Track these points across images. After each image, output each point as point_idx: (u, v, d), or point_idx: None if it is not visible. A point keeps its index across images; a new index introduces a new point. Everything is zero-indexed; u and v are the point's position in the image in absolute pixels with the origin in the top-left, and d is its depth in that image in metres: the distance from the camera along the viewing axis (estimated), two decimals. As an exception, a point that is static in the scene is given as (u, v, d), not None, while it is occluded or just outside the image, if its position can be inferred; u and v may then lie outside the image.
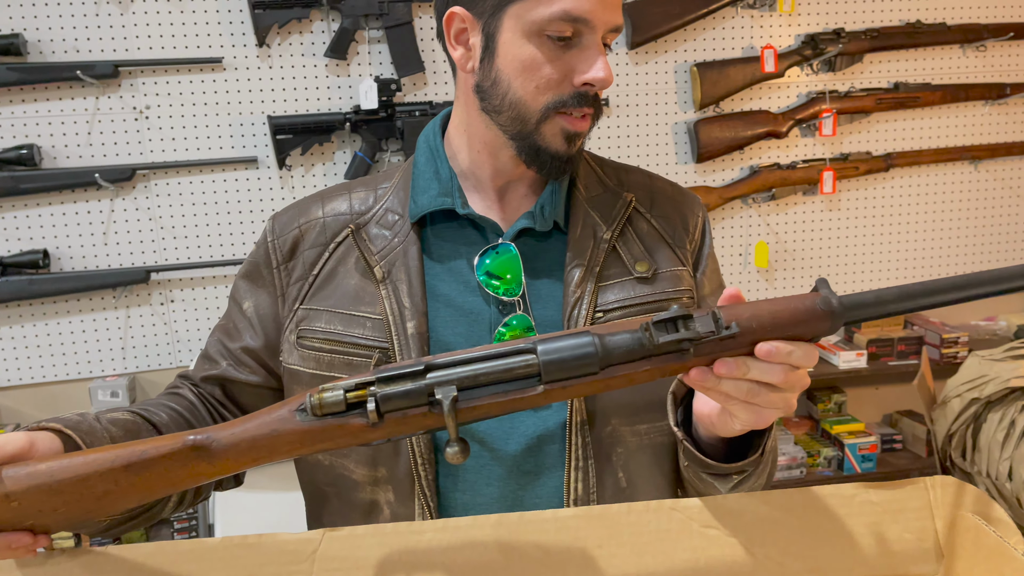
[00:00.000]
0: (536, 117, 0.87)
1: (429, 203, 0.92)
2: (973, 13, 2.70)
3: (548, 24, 0.84)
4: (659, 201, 0.99)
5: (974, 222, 2.84)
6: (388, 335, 0.89)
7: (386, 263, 0.92)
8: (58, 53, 2.22)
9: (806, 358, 0.72)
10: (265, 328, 0.96)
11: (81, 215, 2.29)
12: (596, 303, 0.91)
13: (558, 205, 0.93)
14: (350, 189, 0.99)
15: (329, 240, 0.95)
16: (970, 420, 1.56)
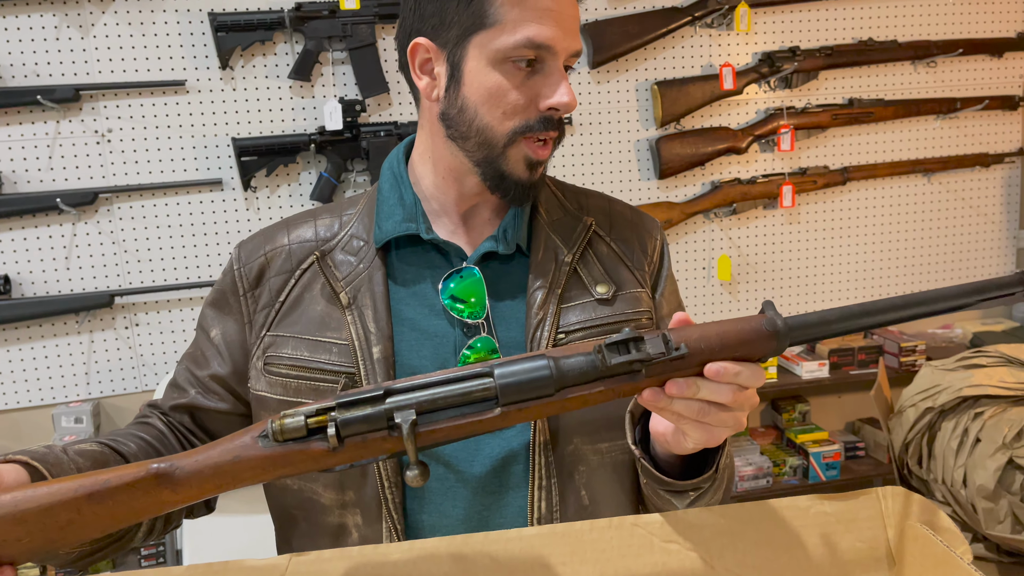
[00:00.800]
0: (503, 142, 0.89)
1: (393, 229, 0.94)
2: (923, 31, 2.79)
3: (512, 51, 0.86)
4: (618, 224, 1.02)
5: (929, 232, 2.92)
6: (354, 360, 0.90)
7: (351, 288, 0.93)
8: (18, 78, 2.20)
9: (753, 378, 0.75)
10: (233, 355, 0.97)
11: (43, 240, 2.27)
12: (558, 324, 0.93)
13: (520, 229, 0.95)
14: (315, 216, 1.00)
15: (295, 267, 0.96)
16: (925, 429, 1.60)
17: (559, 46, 0.87)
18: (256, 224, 2.39)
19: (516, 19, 0.86)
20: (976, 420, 1.50)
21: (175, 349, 2.39)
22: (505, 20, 0.86)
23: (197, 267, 2.37)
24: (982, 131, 2.89)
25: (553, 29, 0.86)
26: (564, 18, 0.87)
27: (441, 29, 0.89)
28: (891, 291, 2.92)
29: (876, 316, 0.76)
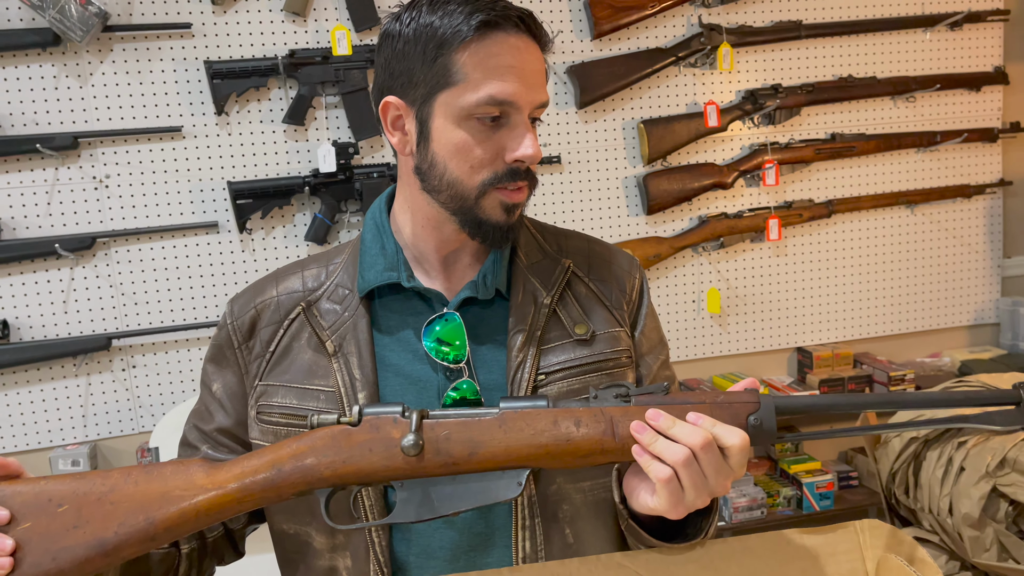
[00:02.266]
0: (474, 194, 0.92)
1: (376, 278, 0.97)
2: (901, 67, 2.86)
3: (476, 109, 0.89)
4: (596, 265, 1.04)
5: (914, 262, 2.97)
6: (340, 406, 0.93)
7: (337, 337, 0.96)
8: (17, 126, 2.25)
9: (730, 437, 0.78)
10: (235, 406, 1.00)
11: (41, 284, 2.30)
12: (538, 366, 0.96)
13: (499, 274, 0.98)
14: (303, 267, 1.03)
15: (283, 317, 0.99)
16: (911, 459, 1.63)
17: (522, 101, 0.90)
18: (252, 265, 2.43)
19: (479, 78, 0.88)
20: (960, 449, 1.53)
21: (172, 390, 2.41)
22: (468, 79, 0.89)
23: (194, 309, 2.40)
24: (963, 163, 2.95)
25: (515, 85, 0.89)
26: (527, 73, 0.90)
27: (409, 88, 0.92)
28: (878, 320, 2.97)
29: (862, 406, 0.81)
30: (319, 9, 2.40)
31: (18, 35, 2.18)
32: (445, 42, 0.89)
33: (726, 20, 2.69)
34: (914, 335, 3.02)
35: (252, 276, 2.43)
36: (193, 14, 2.32)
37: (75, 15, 2.16)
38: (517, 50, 0.90)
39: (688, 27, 2.68)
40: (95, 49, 2.27)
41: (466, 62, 0.89)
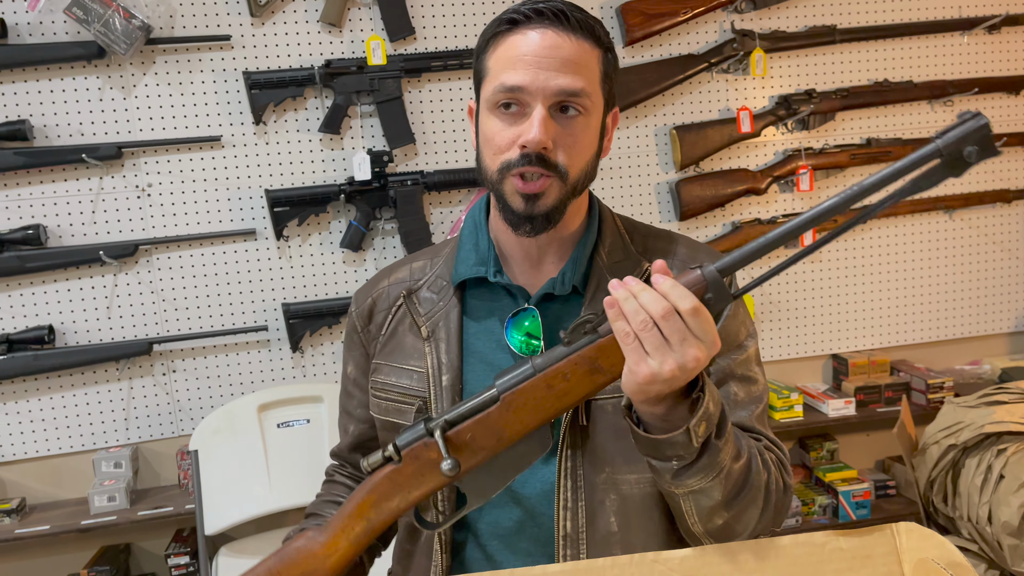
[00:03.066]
0: (496, 179, 0.98)
1: (466, 271, 1.05)
2: (938, 71, 2.83)
3: (493, 97, 0.96)
4: (677, 266, 1.05)
5: (952, 268, 2.93)
6: (427, 386, 1.03)
7: (431, 323, 1.06)
8: (63, 137, 2.32)
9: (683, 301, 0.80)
10: (365, 382, 1.14)
11: (85, 291, 2.36)
12: None
13: (578, 272, 1.03)
14: (413, 260, 1.14)
15: (392, 304, 1.11)
16: (949, 466, 1.60)
17: (532, 86, 0.93)
18: (288, 272, 2.47)
19: (497, 68, 0.96)
20: (999, 457, 1.51)
21: (210, 394, 2.46)
22: (492, 71, 0.97)
23: (232, 314, 2.45)
24: (1002, 167, 2.91)
25: (526, 72, 0.93)
26: (543, 60, 0.93)
27: (477, 89, 1.03)
28: (916, 327, 2.93)
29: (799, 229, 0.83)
30: (354, 20, 2.44)
31: (64, 48, 2.25)
32: (485, 44, 0.99)
33: (759, 25, 2.69)
34: (953, 342, 2.97)
35: (288, 282, 2.47)
36: (232, 26, 2.38)
37: (119, 28, 2.22)
38: (534, 41, 0.94)
39: (720, 33, 2.67)
40: (138, 61, 2.33)
41: (493, 57, 0.97)
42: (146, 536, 2.50)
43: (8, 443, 2.35)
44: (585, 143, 0.98)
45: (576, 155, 0.97)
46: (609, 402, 1.00)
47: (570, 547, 0.99)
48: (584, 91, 0.95)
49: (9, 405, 2.34)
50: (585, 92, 0.95)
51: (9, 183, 2.30)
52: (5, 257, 2.25)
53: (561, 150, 0.96)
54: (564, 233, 1.04)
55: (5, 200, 2.30)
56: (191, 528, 2.46)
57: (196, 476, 2.24)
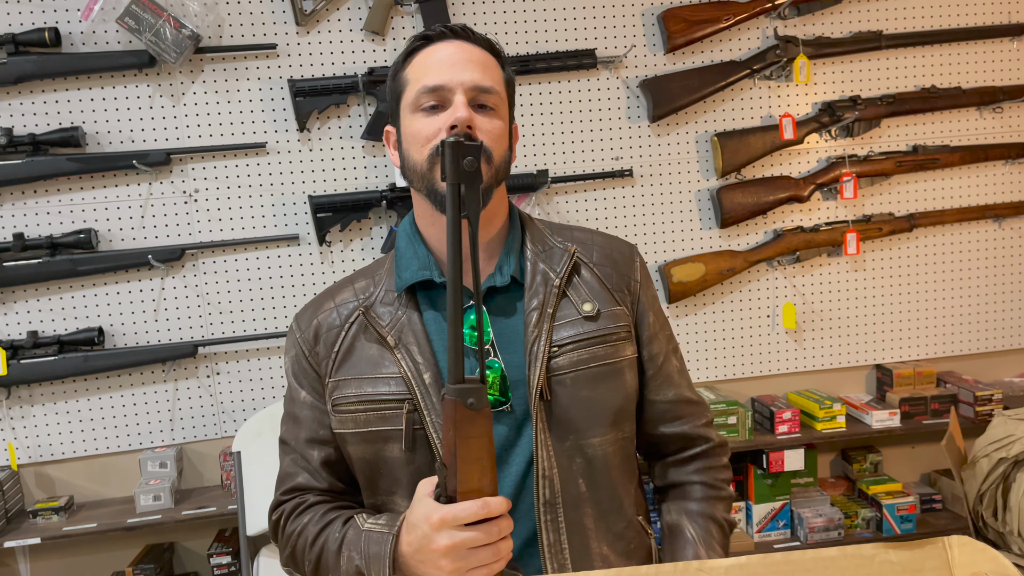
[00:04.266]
0: (425, 166, 1.06)
1: (412, 276, 1.12)
2: (987, 77, 2.77)
3: (416, 99, 1.07)
4: (598, 252, 1.19)
5: (1001, 277, 2.86)
6: (410, 387, 1.08)
7: (395, 332, 1.11)
8: (114, 144, 2.37)
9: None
10: (320, 403, 1.15)
11: (134, 294, 2.41)
12: (552, 339, 1.10)
13: (513, 264, 1.13)
14: (353, 281, 1.18)
15: (343, 322, 1.14)
16: (999, 480, 1.56)
17: (451, 82, 1.06)
18: (330, 277, 2.50)
19: (416, 76, 1.08)
20: (1053, 471, 1.47)
21: (253, 397, 2.50)
22: (411, 80, 1.09)
23: (275, 318, 2.49)
24: (1054, 175, 2.84)
25: (442, 73, 1.06)
26: (455, 62, 1.07)
27: (394, 110, 1.13)
28: (963, 338, 2.87)
29: None
30: (397, 28, 2.47)
31: (116, 57, 2.31)
32: (401, 61, 1.12)
33: (802, 31, 2.66)
34: (1002, 353, 2.90)
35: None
36: (278, 35, 2.42)
37: (169, 38, 2.27)
38: (446, 50, 1.09)
39: (763, 39, 2.65)
40: (187, 70, 2.39)
41: (410, 69, 1.10)
42: (189, 535, 2.54)
43: (58, 442, 2.41)
44: (501, 133, 1.09)
45: (496, 141, 1.08)
46: (567, 376, 1.10)
47: (548, 512, 1.07)
48: (494, 89, 1.09)
49: (59, 405, 2.40)
50: (495, 90, 1.09)
51: (62, 188, 2.36)
52: (58, 260, 2.31)
53: (483, 133, 1.07)
54: (492, 232, 1.14)
55: (59, 205, 2.36)
56: (233, 528, 2.50)
57: (238, 477, 2.27)
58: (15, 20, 2.29)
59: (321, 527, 1.10)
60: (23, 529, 2.27)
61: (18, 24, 2.29)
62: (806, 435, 2.59)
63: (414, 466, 1.07)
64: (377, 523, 1.04)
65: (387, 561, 0.98)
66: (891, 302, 2.81)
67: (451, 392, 0.87)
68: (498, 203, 1.13)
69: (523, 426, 1.09)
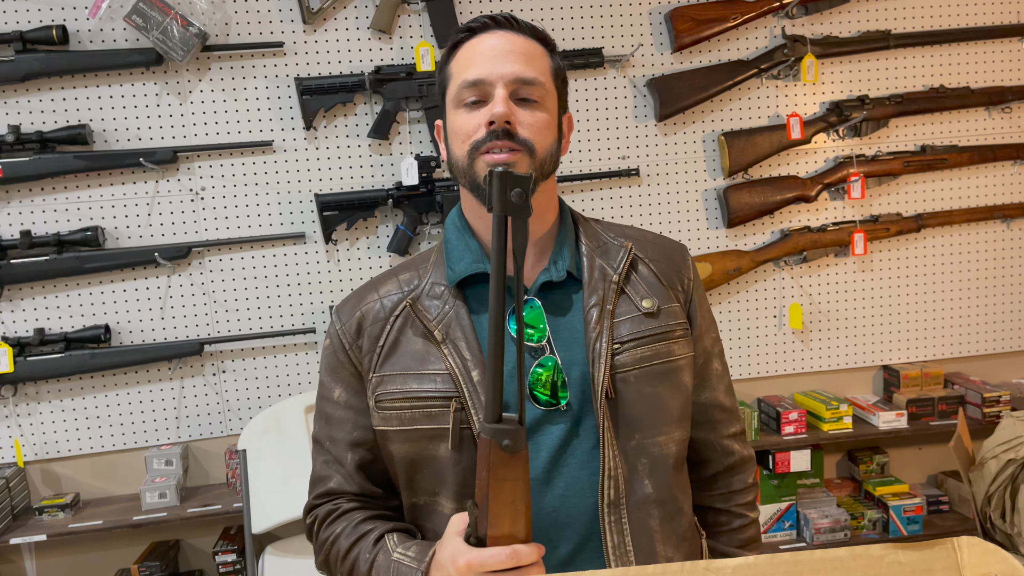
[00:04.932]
0: (467, 161, 1.05)
1: (465, 269, 1.08)
2: (996, 77, 2.76)
3: (458, 94, 1.05)
4: (652, 249, 1.17)
5: (1010, 278, 2.85)
6: (458, 385, 1.03)
7: (443, 326, 1.07)
8: (121, 142, 2.38)
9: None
10: (358, 403, 1.11)
11: (140, 291, 2.42)
12: (613, 336, 1.07)
13: (568, 257, 1.10)
14: (397, 273, 1.14)
15: (388, 315, 1.10)
16: (1008, 481, 1.55)
17: (491, 76, 1.03)
18: (336, 275, 2.50)
19: (459, 70, 1.06)
20: (1062, 473, 1.46)
21: (259, 395, 2.50)
22: (454, 73, 1.06)
23: (281, 316, 2.49)
24: (1063, 175, 2.82)
25: (483, 66, 1.04)
26: (498, 54, 1.04)
27: (441, 104, 1.11)
28: (971, 339, 2.85)
29: None
30: (404, 27, 2.47)
31: (124, 55, 2.31)
32: (447, 55, 1.10)
33: (810, 31, 2.65)
34: (1010, 355, 2.89)
35: (336, 285, 2.50)
36: (285, 33, 2.42)
37: (177, 36, 2.27)
38: (488, 41, 1.05)
39: (771, 39, 2.64)
40: (194, 68, 2.39)
41: (454, 63, 1.07)
42: (195, 533, 2.55)
43: (64, 439, 2.42)
44: (545, 126, 1.06)
45: (539, 134, 1.04)
46: (630, 373, 1.06)
47: (612, 513, 1.03)
48: (537, 80, 1.05)
49: (66, 402, 2.41)
50: (539, 81, 1.05)
51: (69, 186, 2.37)
52: (65, 258, 2.32)
53: (524, 128, 1.03)
54: (542, 228, 1.10)
55: (65, 202, 2.37)
56: (238, 526, 2.50)
57: (244, 475, 2.27)
58: (23, 18, 2.30)
59: (353, 540, 1.07)
60: (29, 526, 2.27)
61: (26, 22, 2.30)
62: (812, 436, 2.58)
63: (461, 467, 1.03)
64: (407, 554, 1.01)
65: None
66: (898, 303, 2.80)
67: (487, 432, 0.84)
68: (547, 198, 1.10)
69: (580, 424, 1.05)
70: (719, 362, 1.20)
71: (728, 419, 1.20)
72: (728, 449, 1.20)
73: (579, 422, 1.05)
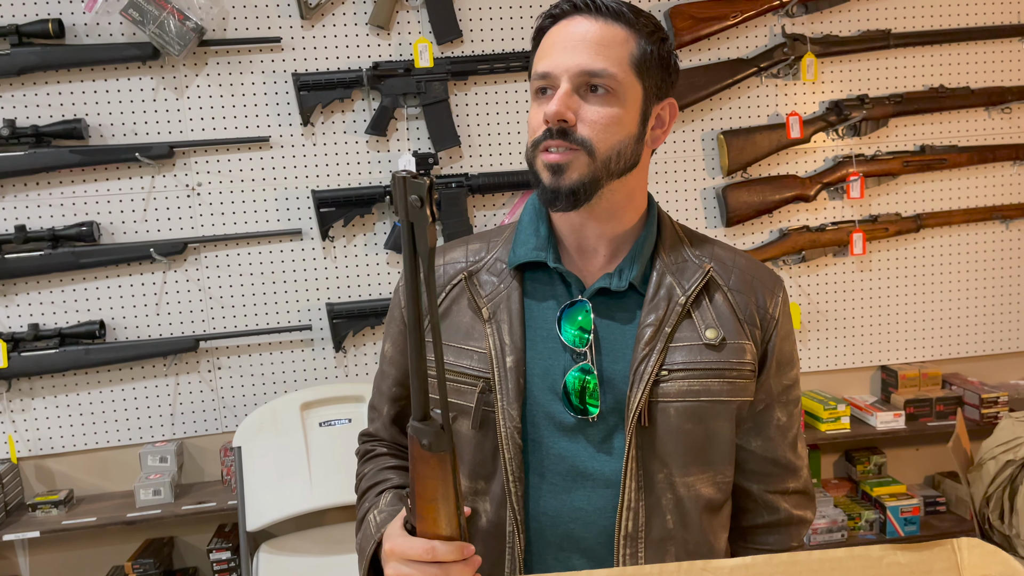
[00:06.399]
0: (530, 158, 1.02)
1: (525, 255, 1.05)
2: (996, 77, 2.75)
3: (533, 86, 1.02)
4: (737, 276, 1.07)
5: (1008, 279, 2.84)
6: (490, 367, 1.02)
7: (492, 305, 1.05)
8: (117, 136, 2.36)
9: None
10: (402, 359, 1.14)
11: (136, 287, 2.40)
12: (664, 361, 1.01)
13: (636, 269, 1.03)
14: (467, 242, 1.13)
15: (446, 284, 1.09)
16: (1006, 482, 1.55)
17: (556, 70, 0.98)
18: (333, 272, 2.49)
19: (536, 60, 1.02)
20: (1061, 474, 1.45)
21: (254, 392, 2.48)
22: (535, 63, 1.03)
23: (277, 313, 2.47)
24: (1063, 176, 2.82)
25: (553, 58, 0.99)
26: (568, 44, 0.99)
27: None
28: (969, 340, 2.85)
29: None
30: (402, 23, 2.46)
31: (120, 49, 2.30)
32: (533, 47, 1.06)
33: (810, 30, 2.64)
34: (1008, 356, 2.88)
35: (333, 282, 2.49)
36: (283, 28, 2.41)
37: (173, 30, 2.26)
38: (564, 29, 1.00)
39: (771, 37, 2.64)
40: (191, 63, 2.37)
41: (537, 53, 1.03)
42: (189, 530, 2.54)
43: (58, 435, 2.40)
44: (613, 122, 0.98)
45: (602, 132, 0.98)
46: (672, 405, 1.00)
47: (629, 546, 1.00)
48: (606, 71, 0.97)
49: (60, 398, 2.39)
50: (608, 72, 0.97)
51: (65, 180, 2.35)
52: (60, 253, 2.30)
53: (585, 125, 0.98)
54: (617, 228, 1.05)
55: (60, 197, 2.35)
56: (233, 524, 2.49)
57: (239, 472, 2.26)
58: (19, 11, 2.28)
59: (369, 485, 1.13)
60: (22, 522, 2.26)
61: (22, 15, 2.29)
62: (810, 436, 2.57)
63: (480, 447, 1.03)
64: (377, 517, 1.04)
65: (364, 564, 1.02)
66: (897, 303, 2.79)
67: (410, 428, 0.84)
68: (622, 198, 1.03)
69: (608, 442, 1.01)
70: (784, 412, 1.09)
71: (781, 475, 1.11)
72: (773, 505, 1.12)
73: (608, 440, 1.01)
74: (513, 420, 1.00)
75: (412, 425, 0.84)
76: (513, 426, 1.00)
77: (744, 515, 1.13)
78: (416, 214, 0.78)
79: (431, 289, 0.80)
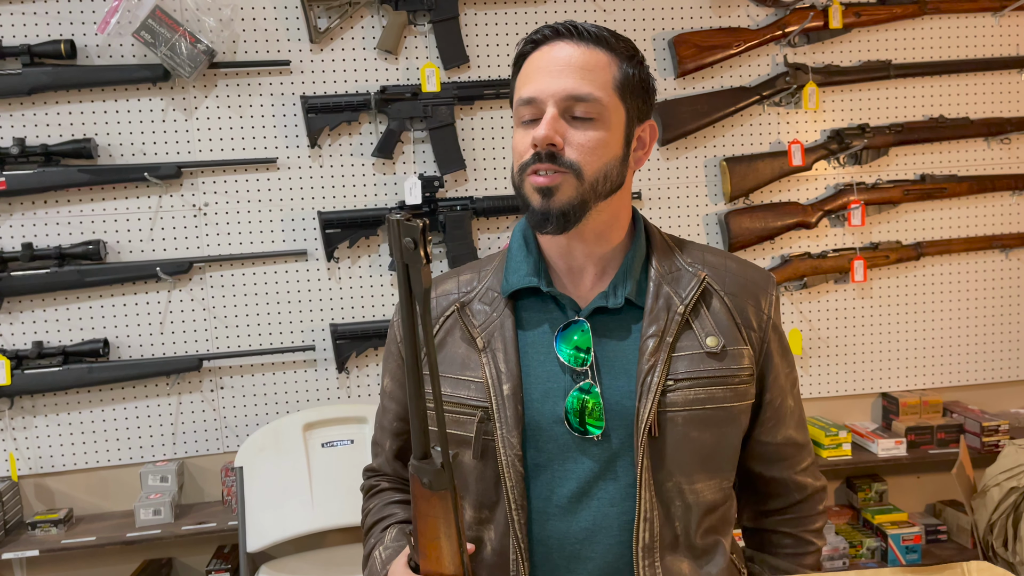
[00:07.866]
0: (517, 181, 1.04)
1: (518, 281, 1.07)
2: (995, 108, 2.79)
3: (518, 112, 1.03)
4: (731, 280, 1.09)
5: (1009, 308, 2.86)
6: (488, 396, 1.03)
7: (486, 334, 1.06)
8: (126, 156, 2.38)
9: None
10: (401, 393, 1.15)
11: (140, 306, 2.41)
12: (668, 371, 1.02)
13: (630, 285, 1.05)
14: (459, 273, 1.14)
15: (439, 316, 1.10)
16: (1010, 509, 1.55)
17: (542, 94, 1.00)
18: (338, 292, 2.50)
19: (518, 86, 1.04)
20: (1065, 502, 1.45)
21: (256, 412, 2.48)
22: (516, 89, 1.05)
23: (280, 333, 2.48)
24: (1061, 207, 2.84)
25: (537, 83, 1.00)
26: (552, 70, 1.00)
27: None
28: (970, 368, 2.86)
29: None
30: (410, 48, 2.49)
31: (131, 70, 2.32)
32: (513, 74, 1.07)
33: (812, 59, 2.68)
34: (1009, 384, 2.89)
35: (337, 303, 2.50)
36: (292, 52, 2.43)
37: (184, 52, 2.29)
38: (545, 56, 1.02)
39: (773, 66, 2.67)
40: (200, 84, 2.40)
41: (518, 79, 1.05)
42: (188, 551, 2.52)
43: (59, 453, 2.40)
44: (599, 145, 1.00)
45: (589, 155, 1.00)
46: (679, 414, 1.02)
47: (647, 556, 1.01)
48: (591, 96, 0.99)
49: (62, 416, 2.39)
50: (593, 97, 0.99)
51: (73, 199, 2.37)
52: (66, 271, 2.31)
53: (572, 149, 0.99)
54: (605, 248, 1.06)
55: (68, 216, 2.37)
56: (233, 545, 2.47)
57: (240, 493, 2.25)
58: (31, 31, 2.31)
59: (375, 521, 1.15)
60: (21, 541, 2.25)
61: (34, 35, 2.31)
62: (811, 462, 2.57)
63: (482, 476, 1.04)
64: (383, 554, 1.07)
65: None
66: (898, 330, 2.80)
67: (411, 467, 0.85)
68: (608, 218, 1.04)
69: (615, 459, 1.02)
70: (792, 397, 1.14)
71: (799, 454, 1.15)
72: (801, 485, 1.15)
73: (615, 457, 1.02)
74: (513, 448, 1.01)
75: (413, 464, 0.85)
76: (514, 453, 1.01)
77: (779, 500, 1.16)
78: (411, 256, 0.79)
79: (427, 329, 0.81)
